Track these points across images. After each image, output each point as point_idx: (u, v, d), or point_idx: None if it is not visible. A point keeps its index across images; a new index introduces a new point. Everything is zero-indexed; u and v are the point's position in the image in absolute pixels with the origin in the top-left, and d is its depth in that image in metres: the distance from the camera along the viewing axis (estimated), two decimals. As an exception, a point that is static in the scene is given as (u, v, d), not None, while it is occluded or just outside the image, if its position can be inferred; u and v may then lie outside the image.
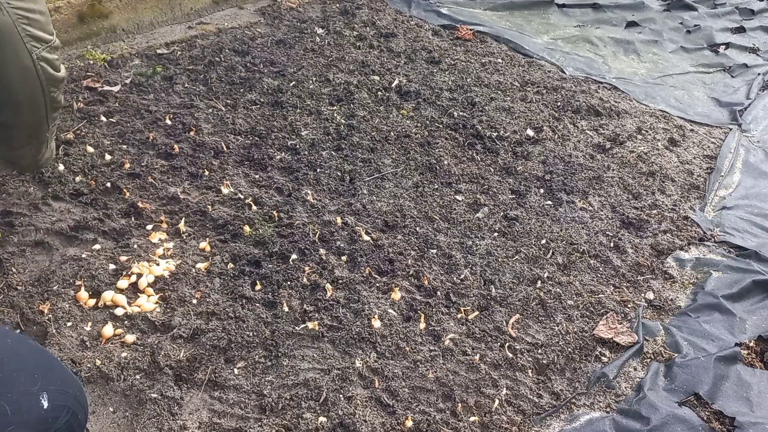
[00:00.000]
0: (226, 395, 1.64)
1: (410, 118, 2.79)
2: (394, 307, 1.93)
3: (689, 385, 1.81)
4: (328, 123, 2.67)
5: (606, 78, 3.38)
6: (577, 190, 2.53)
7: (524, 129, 2.82)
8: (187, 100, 2.67)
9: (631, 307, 2.07)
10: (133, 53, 2.95)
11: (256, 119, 2.63)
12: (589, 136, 2.86)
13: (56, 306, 1.78)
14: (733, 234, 2.42)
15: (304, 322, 1.85)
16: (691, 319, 2.04)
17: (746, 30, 4.12)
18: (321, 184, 2.36)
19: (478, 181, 2.49)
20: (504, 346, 1.88)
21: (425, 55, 3.28)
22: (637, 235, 2.36)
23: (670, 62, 3.72)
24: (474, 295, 2.01)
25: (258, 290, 1.92)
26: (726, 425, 1.72)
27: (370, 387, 1.71)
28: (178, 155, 2.38)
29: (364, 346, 1.81)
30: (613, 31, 3.98)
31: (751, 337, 2.01)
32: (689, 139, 2.96)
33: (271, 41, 3.20)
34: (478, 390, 1.74)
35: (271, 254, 2.04)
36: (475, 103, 2.93)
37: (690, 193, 2.62)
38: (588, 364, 1.88)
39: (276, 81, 2.87)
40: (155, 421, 1.57)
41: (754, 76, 3.57)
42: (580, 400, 1.78)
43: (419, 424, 1.63)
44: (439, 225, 2.26)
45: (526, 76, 3.25)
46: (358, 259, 2.06)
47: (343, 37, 3.33)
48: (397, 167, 2.50)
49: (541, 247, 2.24)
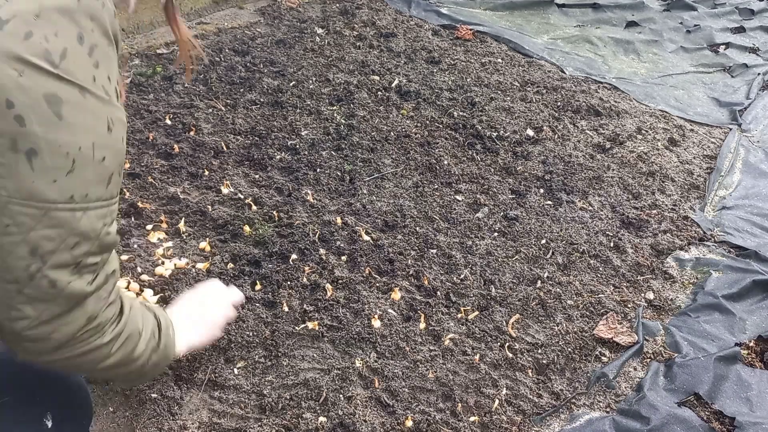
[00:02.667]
0: (226, 395, 1.64)
1: (410, 118, 2.79)
2: (394, 307, 1.93)
3: (689, 385, 1.81)
4: (328, 123, 2.67)
5: (606, 78, 3.38)
6: (577, 190, 2.53)
7: (524, 129, 2.82)
8: (187, 100, 2.67)
9: (631, 307, 2.07)
10: (133, 53, 2.95)
11: (256, 119, 2.63)
12: (589, 136, 2.86)
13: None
14: (733, 234, 2.42)
15: (304, 322, 1.85)
16: (691, 319, 2.04)
17: (746, 30, 4.12)
18: (321, 184, 2.36)
19: (478, 181, 2.49)
20: (504, 346, 1.88)
21: (425, 55, 3.28)
22: (637, 235, 2.36)
23: (670, 62, 3.72)
24: (474, 295, 2.01)
25: (258, 290, 1.92)
26: (726, 425, 1.72)
27: (370, 387, 1.71)
28: (178, 155, 2.38)
29: (364, 346, 1.81)
30: (613, 31, 3.98)
31: (751, 337, 2.01)
32: (689, 139, 2.96)
33: (271, 41, 3.20)
34: (478, 390, 1.74)
35: (271, 254, 2.04)
36: (475, 103, 2.93)
37: (690, 193, 2.62)
38: (588, 364, 1.88)
39: (276, 81, 2.87)
40: (155, 421, 1.57)
41: (754, 76, 3.57)
42: (580, 400, 1.78)
43: (419, 424, 1.63)
44: (439, 225, 2.26)
45: (526, 76, 3.25)
46: (358, 259, 2.06)
47: (343, 37, 3.33)
48: (397, 167, 2.50)
49: (541, 247, 2.24)
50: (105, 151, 0.89)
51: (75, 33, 0.84)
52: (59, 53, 0.82)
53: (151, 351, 1.16)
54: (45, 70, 0.81)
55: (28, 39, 0.80)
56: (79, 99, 0.85)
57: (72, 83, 0.84)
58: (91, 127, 0.87)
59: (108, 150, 0.90)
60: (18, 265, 0.87)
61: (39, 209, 0.85)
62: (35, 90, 0.81)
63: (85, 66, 0.85)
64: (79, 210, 0.89)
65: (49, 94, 0.82)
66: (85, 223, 0.90)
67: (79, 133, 0.86)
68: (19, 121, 0.81)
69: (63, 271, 0.90)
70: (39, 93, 0.82)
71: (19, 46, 0.79)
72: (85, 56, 0.85)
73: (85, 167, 0.88)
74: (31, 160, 0.83)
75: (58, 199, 0.86)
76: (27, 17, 0.80)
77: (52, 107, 0.83)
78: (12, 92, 0.80)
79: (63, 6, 0.82)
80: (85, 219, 0.90)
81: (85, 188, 0.89)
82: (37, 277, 0.88)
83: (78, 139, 0.86)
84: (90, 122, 0.87)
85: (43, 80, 0.82)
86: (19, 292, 0.89)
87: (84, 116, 0.86)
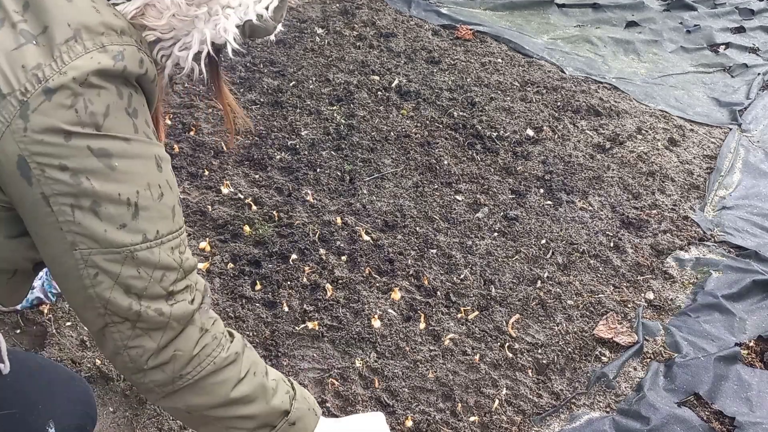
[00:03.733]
0: (226, 395, 1.64)
1: (410, 118, 2.79)
2: (394, 307, 1.93)
3: (689, 385, 1.81)
4: (328, 123, 2.67)
5: (606, 78, 3.38)
6: (577, 190, 2.53)
7: (524, 129, 2.82)
8: (187, 100, 2.67)
9: (631, 307, 2.07)
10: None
11: (256, 119, 2.63)
12: (589, 136, 2.86)
13: (56, 305, 1.78)
14: (732, 234, 2.42)
15: (304, 322, 1.85)
16: (691, 319, 2.04)
17: (746, 30, 4.12)
18: (321, 184, 2.36)
19: (478, 181, 2.49)
20: (504, 346, 1.88)
21: (425, 55, 3.28)
22: (637, 235, 2.36)
23: (670, 62, 3.72)
24: (474, 295, 2.01)
25: (258, 290, 1.92)
26: (726, 425, 1.72)
27: (370, 387, 1.71)
28: (178, 155, 2.38)
29: (364, 346, 1.81)
30: (613, 31, 3.98)
31: (751, 337, 2.01)
32: (689, 139, 2.96)
33: (271, 41, 3.20)
34: (478, 390, 1.74)
35: (271, 254, 2.04)
36: (475, 102, 2.93)
37: (690, 193, 2.62)
38: (588, 364, 1.88)
39: (276, 81, 2.87)
40: (155, 421, 1.57)
41: (754, 76, 3.57)
42: (580, 400, 1.78)
43: (419, 424, 1.63)
44: (439, 225, 2.26)
45: (526, 76, 3.25)
46: (358, 259, 2.06)
47: (342, 37, 3.33)
48: (397, 167, 2.50)
49: (541, 247, 2.24)
50: (161, 188, 0.95)
51: (114, 90, 0.88)
52: (102, 114, 0.87)
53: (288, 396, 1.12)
54: (91, 134, 0.86)
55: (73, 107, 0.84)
56: (125, 148, 0.89)
57: (116, 137, 0.88)
58: (142, 171, 0.92)
59: (163, 186, 0.95)
60: (121, 306, 0.93)
61: (120, 254, 0.91)
62: (85, 149, 0.86)
63: (127, 117, 0.90)
64: (155, 246, 0.94)
65: (96, 150, 0.87)
66: (164, 257, 0.96)
67: (133, 178, 0.91)
68: (75, 180, 0.86)
69: (161, 301, 0.96)
70: (89, 151, 0.86)
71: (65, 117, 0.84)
72: (124, 109, 0.90)
73: (147, 208, 0.93)
74: (96, 212, 0.88)
75: (134, 241, 0.92)
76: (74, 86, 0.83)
77: (103, 161, 0.87)
78: (63, 158, 0.85)
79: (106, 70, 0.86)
80: (162, 253, 0.95)
81: (154, 226, 0.94)
82: (143, 312, 0.94)
83: (134, 184, 0.91)
84: (140, 166, 0.92)
85: (90, 141, 0.86)
86: (133, 328, 0.95)
87: (134, 163, 0.91)
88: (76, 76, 0.83)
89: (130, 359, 0.97)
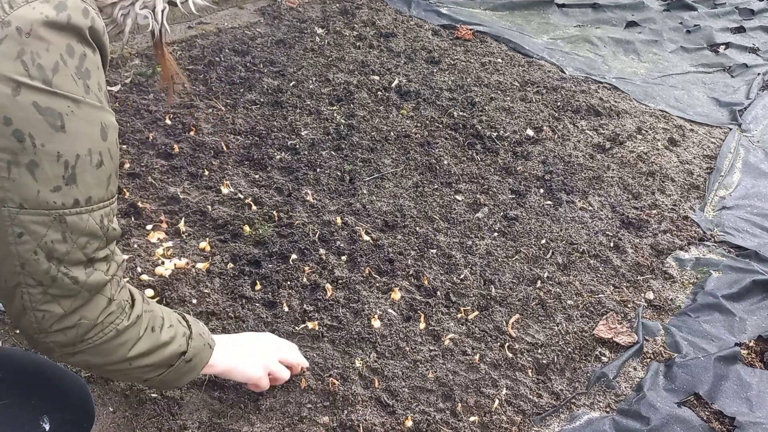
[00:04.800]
0: (226, 395, 1.64)
1: (410, 118, 2.79)
2: (394, 307, 1.93)
3: (689, 385, 1.81)
4: (328, 123, 2.67)
5: (606, 78, 3.38)
6: (577, 190, 2.53)
7: (524, 129, 2.82)
8: (187, 100, 2.67)
9: (631, 307, 2.07)
10: (133, 53, 2.95)
11: (256, 119, 2.63)
12: (589, 136, 2.86)
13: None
14: (733, 234, 2.42)
15: (303, 322, 1.85)
16: (691, 319, 2.04)
17: (746, 30, 4.12)
18: (321, 184, 2.36)
19: (478, 181, 2.49)
20: (504, 346, 1.88)
21: (425, 55, 3.28)
22: (637, 235, 2.36)
23: (670, 62, 3.72)
24: (474, 295, 2.01)
25: (258, 290, 1.92)
26: (726, 425, 1.72)
27: (370, 387, 1.71)
28: (178, 155, 2.38)
29: (363, 346, 1.81)
30: (613, 31, 3.98)
31: (751, 337, 2.01)
32: (689, 139, 2.96)
33: (271, 41, 3.20)
34: (478, 390, 1.74)
35: (271, 254, 2.04)
36: (475, 102, 2.93)
37: (690, 193, 2.62)
38: (588, 364, 1.88)
39: (276, 81, 2.87)
40: (155, 421, 1.57)
41: (754, 76, 3.57)
42: (580, 400, 1.78)
43: (419, 424, 1.63)
44: (439, 225, 2.26)
45: (526, 76, 3.25)
46: (358, 259, 2.06)
47: (342, 37, 3.33)
48: (397, 167, 2.50)
49: (541, 247, 2.24)
50: (101, 156, 0.94)
51: (64, 46, 0.87)
52: (51, 68, 0.86)
53: (185, 338, 1.21)
54: (39, 88, 0.86)
55: (20, 57, 0.84)
56: (73, 109, 0.89)
57: (65, 96, 0.88)
58: (86, 135, 0.92)
59: (104, 154, 0.95)
60: (38, 269, 0.93)
61: (48, 216, 0.90)
62: (31, 106, 0.86)
63: (77, 77, 0.90)
64: (84, 212, 0.95)
65: (44, 108, 0.86)
66: (91, 224, 0.96)
67: (75, 141, 0.91)
68: (18, 136, 0.85)
69: (79, 267, 0.96)
70: (35, 108, 0.86)
71: (12, 66, 0.83)
72: (75, 68, 0.89)
73: (84, 173, 0.93)
74: (32, 171, 0.88)
75: (65, 204, 0.91)
76: (18, 37, 0.83)
77: (48, 120, 0.87)
78: (9, 110, 0.84)
79: (52, 21, 0.86)
80: (91, 220, 0.96)
81: (88, 192, 0.94)
82: (59, 278, 0.94)
83: (75, 147, 0.91)
84: (85, 130, 0.91)
85: (38, 96, 0.86)
86: (44, 294, 0.95)
87: (79, 125, 0.90)
88: (20, 26, 0.83)
89: (35, 320, 0.98)
